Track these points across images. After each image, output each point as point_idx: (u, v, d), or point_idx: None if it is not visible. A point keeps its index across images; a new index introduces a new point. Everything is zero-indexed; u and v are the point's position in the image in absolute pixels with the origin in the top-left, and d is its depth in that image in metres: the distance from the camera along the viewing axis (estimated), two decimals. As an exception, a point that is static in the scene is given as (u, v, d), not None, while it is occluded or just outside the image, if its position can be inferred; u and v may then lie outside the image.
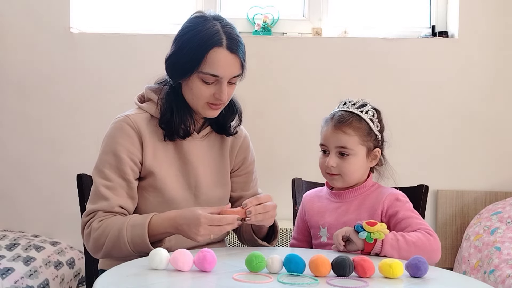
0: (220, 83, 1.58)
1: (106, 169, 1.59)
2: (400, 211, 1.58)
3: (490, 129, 2.89)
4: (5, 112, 2.89)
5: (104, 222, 1.55)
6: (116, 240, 1.51)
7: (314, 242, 1.69)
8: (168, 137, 1.63)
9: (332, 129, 1.62)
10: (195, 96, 1.60)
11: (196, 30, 1.58)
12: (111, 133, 1.63)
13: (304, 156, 2.85)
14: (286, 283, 1.20)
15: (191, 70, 1.57)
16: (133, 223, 1.51)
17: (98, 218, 1.56)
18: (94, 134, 2.87)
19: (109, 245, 1.52)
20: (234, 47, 1.57)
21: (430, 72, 2.88)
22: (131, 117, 1.63)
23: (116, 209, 1.57)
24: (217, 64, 1.55)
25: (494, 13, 2.87)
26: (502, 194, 2.83)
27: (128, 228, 1.50)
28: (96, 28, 2.95)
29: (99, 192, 1.58)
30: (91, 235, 1.55)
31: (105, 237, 1.52)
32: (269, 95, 2.86)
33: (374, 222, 1.46)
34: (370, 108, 1.65)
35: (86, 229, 1.58)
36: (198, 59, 1.55)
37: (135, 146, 1.60)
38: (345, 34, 2.97)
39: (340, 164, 1.62)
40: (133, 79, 2.85)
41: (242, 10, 2.95)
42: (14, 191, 2.88)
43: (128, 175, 1.59)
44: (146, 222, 1.50)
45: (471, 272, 2.45)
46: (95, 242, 1.55)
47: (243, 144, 1.77)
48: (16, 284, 2.27)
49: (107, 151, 1.61)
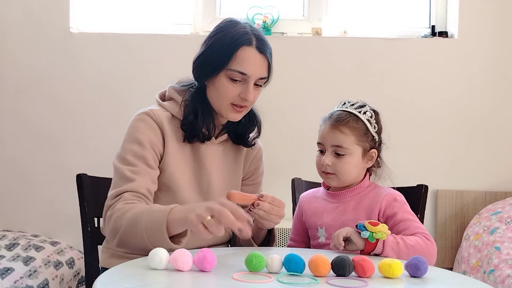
0: (247, 83, 1.60)
1: (130, 156, 1.58)
2: (398, 212, 1.58)
3: (489, 129, 2.89)
4: (5, 112, 2.89)
5: (128, 205, 1.49)
6: (132, 225, 1.44)
7: (312, 243, 1.69)
8: (187, 139, 1.64)
9: (329, 128, 1.63)
10: (221, 96, 1.61)
11: (226, 31, 1.61)
12: (134, 124, 1.62)
13: (304, 156, 2.85)
14: (286, 283, 1.20)
15: (220, 68, 1.59)
16: (154, 209, 1.46)
17: (124, 200, 1.51)
18: (94, 134, 2.87)
19: (125, 230, 1.46)
20: (263, 48, 1.61)
21: (430, 72, 2.88)
22: (154, 111, 1.63)
23: (143, 190, 1.54)
24: (246, 62, 1.58)
25: (494, 13, 2.87)
26: (501, 194, 2.83)
27: (148, 213, 1.44)
28: (96, 28, 2.95)
29: (124, 175, 1.55)
30: (112, 217, 1.50)
31: (124, 219, 1.47)
32: (269, 95, 2.83)
33: (376, 222, 1.47)
34: (369, 109, 1.65)
35: (108, 211, 1.52)
36: (227, 56, 1.58)
37: (158, 138, 1.61)
38: (345, 34, 2.97)
39: (336, 163, 1.62)
40: (133, 79, 2.85)
41: (242, 10, 2.96)
42: (14, 191, 2.89)
43: (151, 161, 1.58)
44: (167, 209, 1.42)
45: (471, 272, 2.45)
46: (114, 224, 1.49)
47: (257, 155, 1.80)
48: (16, 284, 2.27)
49: (130, 140, 1.60)
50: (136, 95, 2.81)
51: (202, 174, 1.67)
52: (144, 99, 1.88)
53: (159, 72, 2.80)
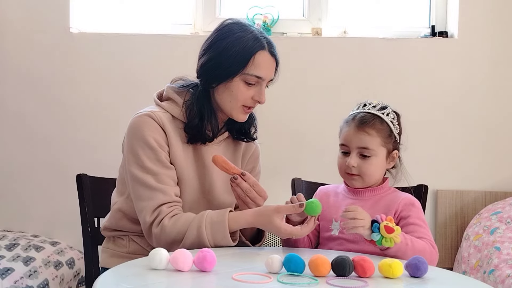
0: (260, 85, 1.65)
1: (148, 163, 1.58)
2: (411, 216, 1.60)
3: (489, 129, 2.89)
4: (5, 112, 2.89)
5: (176, 218, 1.55)
6: (195, 239, 1.51)
7: (323, 235, 1.69)
8: (191, 141, 1.65)
9: (355, 129, 1.63)
10: (234, 99, 1.64)
11: (238, 35, 1.63)
12: (138, 127, 1.61)
13: (304, 156, 2.86)
14: (286, 283, 1.20)
15: (236, 72, 1.62)
16: (211, 220, 1.53)
17: (167, 214, 1.56)
18: (94, 134, 2.87)
19: (187, 241, 1.52)
20: (274, 51, 1.68)
21: (430, 72, 2.88)
22: (155, 113, 1.63)
23: (175, 198, 1.59)
24: (262, 66, 1.63)
25: (494, 13, 2.87)
26: (501, 194, 2.83)
27: (207, 226, 1.51)
28: (96, 28, 2.95)
29: (151, 186, 1.57)
30: (164, 232, 1.54)
31: (182, 234, 1.52)
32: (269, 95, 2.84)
33: (392, 228, 1.45)
34: (391, 111, 1.68)
35: (155, 228, 1.55)
36: (244, 61, 1.61)
37: (163, 139, 1.62)
38: (345, 34, 2.97)
39: (361, 164, 1.63)
40: (133, 79, 2.85)
41: (242, 10, 2.95)
42: (14, 191, 2.89)
43: (167, 162, 1.61)
44: (225, 219, 1.52)
45: (471, 272, 2.45)
46: (170, 238, 1.53)
47: (255, 153, 1.82)
48: (16, 284, 2.27)
49: (139, 146, 1.60)
50: (136, 95, 2.80)
51: (204, 174, 1.68)
52: (144, 99, 1.87)
53: (159, 72, 2.79)
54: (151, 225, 1.56)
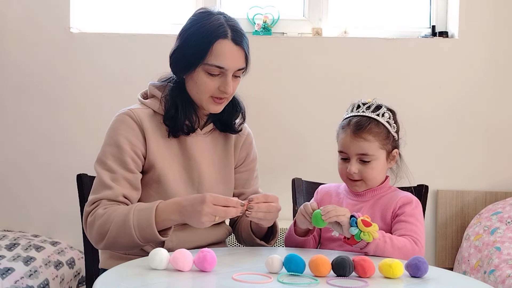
0: (225, 76, 1.60)
1: (109, 161, 1.59)
2: (405, 213, 1.60)
3: (490, 129, 2.89)
4: (5, 112, 2.89)
5: (109, 209, 1.54)
6: (121, 225, 1.49)
7: (324, 236, 1.69)
8: (172, 133, 1.64)
9: (351, 136, 1.62)
10: (200, 90, 1.61)
11: (200, 24, 1.60)
12: (113, 125, 1.64)
13: (304, 156, 2.86)
14: (286, 283, 1.20)
15: (197, 63, 1.59)
16: (140, 208, 1.51)
17: (103, 206, 1.55)
18: (94, 134, 2.87)
19: (113, 231, 1.50)
20: (239, 39, 1.60)
21: (430, 72, 2.88)
22: (133, 111, 1.64)
23: (120, 198, 1.57)
24: (222, 56, 1.58)
25: (494, 13, 2.87)
26: (502, 194, 2.83)
27: (134, 212, 1.50)
28: (96, 28, 2.95)
29: (103, 182, 1.57)
30: (95, 222, 1.54)
31: (110, 222, 1.51)
32: (269, 95, 2.86)
33: (369, 222, 1.45)
34: (386, 110, 1.66)
35: (89, 217, 1.56)
36: (203, 51, 1.57)
37: (138, 139, 1.61)
38: (345, 34, 2.97)
39: (362, 169, 1.63)
40: (133, 79, 2.85)
41: (242, 10, 2.95)
42: (14, 191, 2.88)
43: (131, 165, 1.59)
44: (153, 206, 1.50)
45: (471, 272, 2.45)
46: (100, 228, 1.53)
47: (246, 141, 1.79)
48: (16, 284, 2.27)
49: (109, 143, 1.61)
50: (136, 95, 2.80)
51: (192, 166, 1.67)
52: (144, 99, 1.88)
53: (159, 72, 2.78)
54: (87, 215, 1.57)
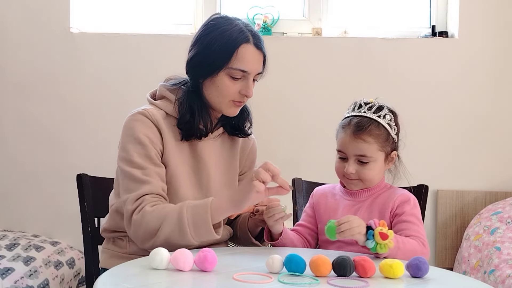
0: (247, 79, 1.63)
1: (136, 158, 1.58)
2: (405, 213, 1.59)
3: (490, 129, 2.89)
4: (5, 112, 2.89)
5: (159, 206, 1.52)
6: (175, 222, 1.47)
7: (322, 238, 1.69)
8: (185, 137, 1.65)
9: (351, 136, 1.61)
10: (221, 94, 1.63)
11: (222, 29, 1.62)
12: (130, 125, 1.62)
13: (304, 156, 2.86)
14: (286, 283, 1.20)
15: (220, 67, 1.60)
16: (193, 204, 1.50)
17: (149, 202, 1.53)
18: (94, 134, 2.87)
19: (166, 229, 1.48)
20: (260, 44, 1.64)
21: (430, 72, 2.88)
22: (148, 111, 1.64)
23: (160, 191, 1.56)
24: (246, 60, 1.61)
25: (494, 13, 2.87)
26: (502, 194, 2.83)
27: (188, 209, 1.48)
28: (96, 28, 2.95)
29: (137, 178, 1.55)
30: (144, 219, 1.50)
31: (162, 219, 1.48)
32: (269, 95, 2.86)
33: (386, 234, 1.42)
34: (387, 111, 1.65)
35: (135, 215, 1.52)
36: (227, 55, 1.60)
37: (157, 137, 1.61)
38: (345, 34, 2.97)
39: (360, 170, 1.62)
40: (133, 79, 2.85)
41: (242, 10, 2.95)
42: (14, 191, 2.88)
43: (157, 159, 1.59)
44: (208, 202, 1.49)
45: (471, 272, 2.45)
46: (149, 225, 1.49)
47: (253, 148, 1.83)
48: (16, 284, 2.27)
49: (130, 141, 1.60)
50: (137, 95, 2.79)
51: (201, 169, 1.68)
52: (144, 99, 1.87)
53: (159, 72, 2.77)
54: (132, 212, 1.53)
